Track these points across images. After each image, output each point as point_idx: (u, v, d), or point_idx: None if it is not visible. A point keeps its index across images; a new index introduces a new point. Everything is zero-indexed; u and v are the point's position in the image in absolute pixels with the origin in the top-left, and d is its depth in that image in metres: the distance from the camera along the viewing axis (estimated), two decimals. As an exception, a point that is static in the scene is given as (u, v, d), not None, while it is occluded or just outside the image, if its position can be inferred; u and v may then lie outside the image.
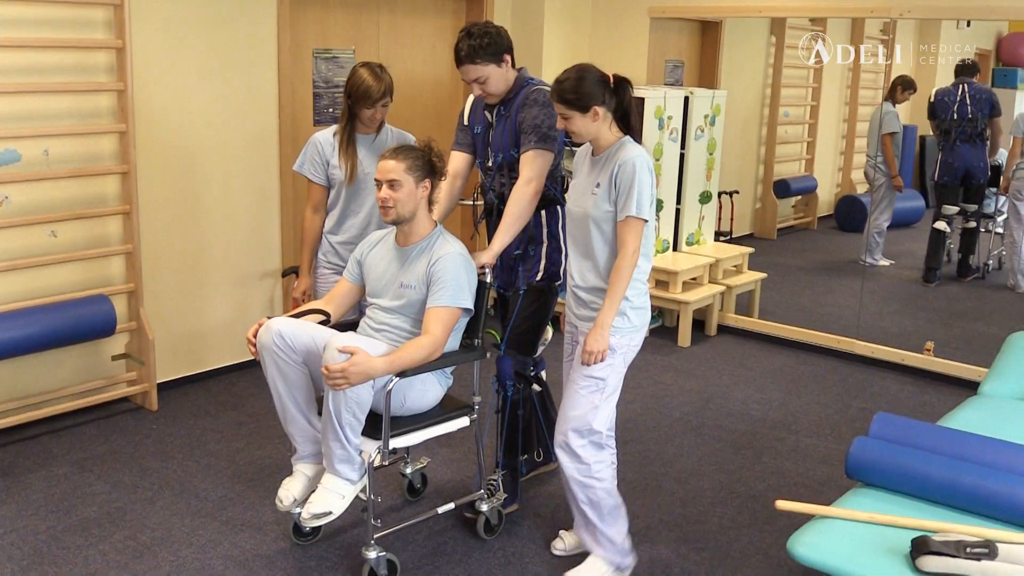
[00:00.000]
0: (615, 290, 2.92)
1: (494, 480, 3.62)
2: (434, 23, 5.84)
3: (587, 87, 2.91)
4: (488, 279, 3.32)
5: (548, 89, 3.33)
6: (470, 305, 3.19)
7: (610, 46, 6.29)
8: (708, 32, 7.33)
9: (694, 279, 5.93)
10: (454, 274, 3.14)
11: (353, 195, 3.75)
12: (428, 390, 3.24)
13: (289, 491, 3.25)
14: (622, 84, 2.99)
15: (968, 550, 2.37)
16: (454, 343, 3.28)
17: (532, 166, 3.32)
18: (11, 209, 4.08)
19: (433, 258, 3.17)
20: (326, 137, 3.79)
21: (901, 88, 6.65)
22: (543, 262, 3.49)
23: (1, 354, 3.94)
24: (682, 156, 6.02)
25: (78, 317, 4.15)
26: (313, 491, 3.14)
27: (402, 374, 3.02)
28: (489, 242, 3.45)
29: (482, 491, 3.50)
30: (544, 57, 6.03)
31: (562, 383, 3.31)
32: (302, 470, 3.28)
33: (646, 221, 2.93)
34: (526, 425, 3.65)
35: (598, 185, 2.98)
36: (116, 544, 3.36)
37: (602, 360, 2.96)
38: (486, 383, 3.79)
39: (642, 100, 5.65)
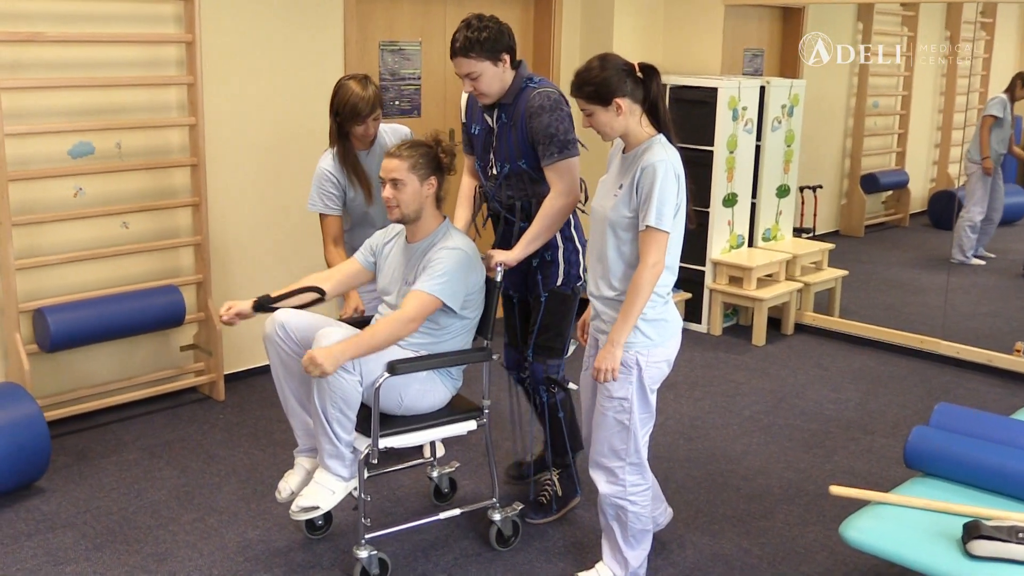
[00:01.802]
0: (631, 305, 2.87)
1: (551, 480, 3.81)
2: (503, 14, 6.05)
3: (607, 77, 2.84)
4: (499, 278, 3.38)
5: (550, 90, 3.38)
6: (452, 304, 3.21)
7: (684, 35, 6.46)
8: (790, 19, 7.44)
9: (769, 276, 6.08)
10: (446, 266, 3.19)
11: (380, 210, 3.83)
12: (429, 390, 3.30)
13: (288, 483, 3.44)
14: (649, 72, 2.90)
15: (1021, 535, 2.52)
16: (465, 342, 3.38)
17: (562, 180, 3.36)
18: (85, 200, 4.45)
19: (434, 251, 3.26)
20: (333, 166, 3.82)
21: (1021, 83, 6.71)
22: (562, 266, 3.54)
23: (75, 342, 4.31)
24: (758, 148, 6.16)
25: (149, 307, 4.51)
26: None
27: (392, 370, 3.10)
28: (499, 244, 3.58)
29: (494, 499, 3.55)
30: (614, 48, 6.24)
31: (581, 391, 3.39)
32: (302, 463, 3.46)
33: (667, 233, 2.86)
34: (570, 426, 3.72)
35: (620, 187, 2.93)
36: (185, 525, 3.68)
37: (613, 378, 2.94)
38: (496, 386, 3.95)
39: (715, 90, 5.83)
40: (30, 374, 4.17)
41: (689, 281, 6.14)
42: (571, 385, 3.71)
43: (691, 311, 6.15)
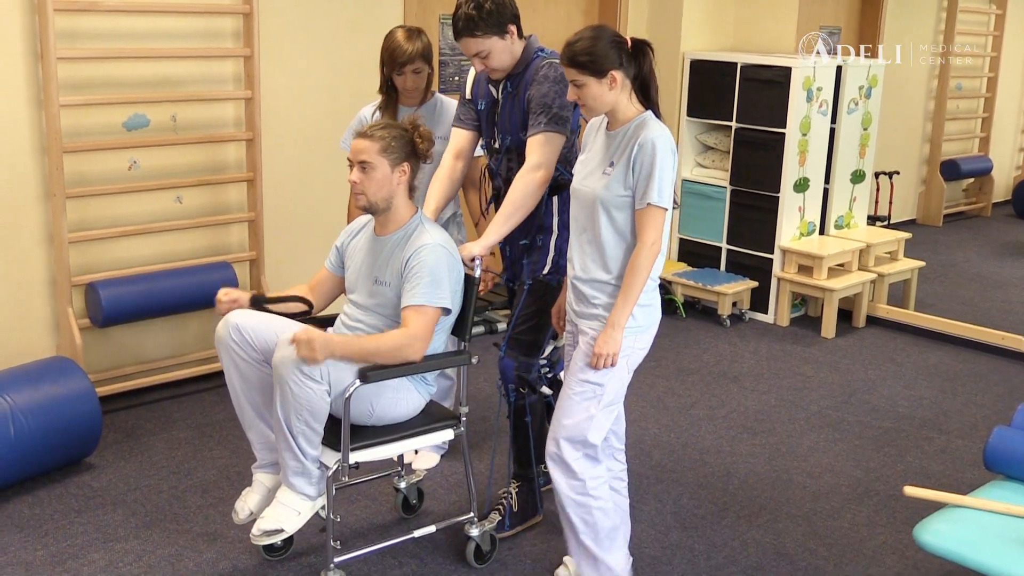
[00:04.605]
0: (630, 287, 2.84)
1: (508, 493, 3.60)
2: (567, -14, 6.08)
3: (603, 48, 2.80)
4: (477, 273, 3.23)
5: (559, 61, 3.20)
6: (449, 304, 3.08)
7: (756, 11, 6.39)
8: (869, -5, 7.34)
9: (841, 265, 6.01)
10: (431, 268, 3.04)
11: None
12: (402, 398, 3.15)
13: (246, 503, 3.23)
14: (642, 49, 2.87)
15: (1107, 544, 2.48)
16: (438, 345, 3.20)
17: (541, 151, 3.22)
18: (139, 173, 4.53)
19: (409, 250, 3.09)
20: (370, 112, 3.88)
21: None
22: (551, 254, 3.42)
23: (127, 317, 4.40)
24: (832, 131, 6.09)
25: (201, 283, 4.58)
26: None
27: (364, 377, 2.94)
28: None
29: (471, 513, 3.40)
30: (684, 23, 6.19)
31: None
32: (261, 480, 3.26)
33: (667, 210, 2.84)
34: (537, 434, 3.51)
35: (611, 164, 2.89)
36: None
37: (613, 364, 2.89)
38: (477, 392, 3.91)
39: (788, 70, 5.76)
40: (82, 349, 4.27)
41: (756, 269, 6.09)
42: (544, 389, 3.54)
43: (757, 300, 6.11)
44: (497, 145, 3.47)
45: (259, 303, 3.20)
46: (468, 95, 3.56)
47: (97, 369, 4.48)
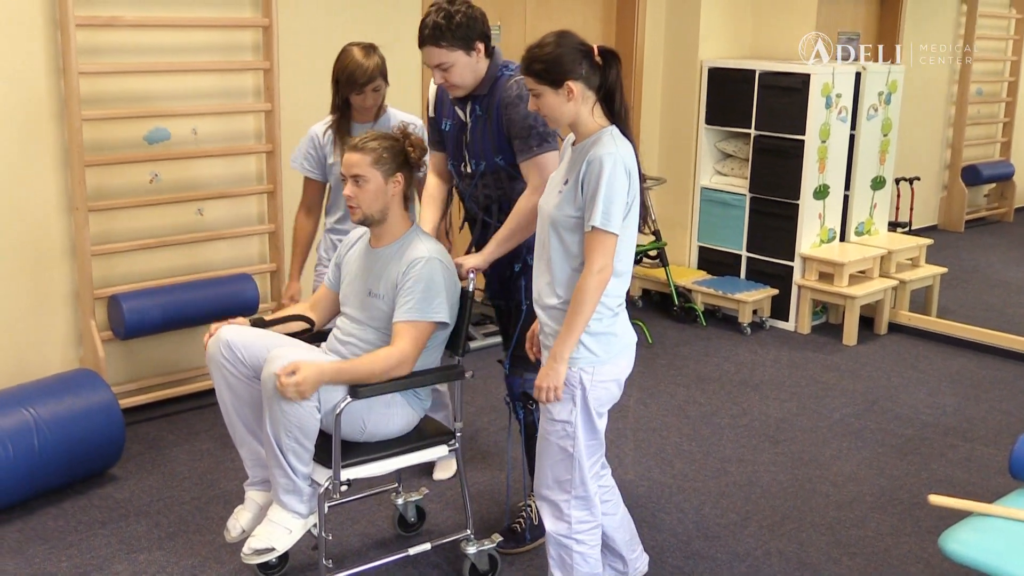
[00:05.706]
0: (574, 316, 2.67)
1: (528, 505, 3.60)
2: (584, -4, 6.08)
3: (561, 56, 2.66)
4: (471, 287, 3.18)
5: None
6: (444, 318, 3.04)
7: (774, 18, 6.38)
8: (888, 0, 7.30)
9: (862, 272, 5.98)
10: (426, 282, 3.00)
11: None
12: (395, 414, 3.11)
13: (238, 521, 3.23)
14: (609, 58, 2.72)
15: None
16: (433, 359, 3.17)
17: (540, 173, 3.12)
18: (160, 186, 4.56)
19: (404, 263, 3.05)
20: (321, 130, 3.82)
21: None
22: None
23: (148, 330, 4.42)
24: (852, 137, 6.07)
25: (222, 295, 4.60)
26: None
27: (355, 393, 2.92)
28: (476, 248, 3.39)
29: (468, 531, 3.34)
30: (701, 31, 6.19)
31: None
32: (253, 498, 3.25)
33: (615, 235, 2.67)
34: None
35: (566, 182, 2.74)
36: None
37: (556, 398, 2.75)
38: (496, 403, 3.86)
39: (807, 76, 5.74)
40: (104, 361, 4.29)
41: (776, 276, 6.07)
42: None
43: (778, 308, 6.08)
44: (470, 171, 3.35)
45: (260, 327, 3.18)
46: (432, 114, 3.48)
47: (120, 381, 4.50)
